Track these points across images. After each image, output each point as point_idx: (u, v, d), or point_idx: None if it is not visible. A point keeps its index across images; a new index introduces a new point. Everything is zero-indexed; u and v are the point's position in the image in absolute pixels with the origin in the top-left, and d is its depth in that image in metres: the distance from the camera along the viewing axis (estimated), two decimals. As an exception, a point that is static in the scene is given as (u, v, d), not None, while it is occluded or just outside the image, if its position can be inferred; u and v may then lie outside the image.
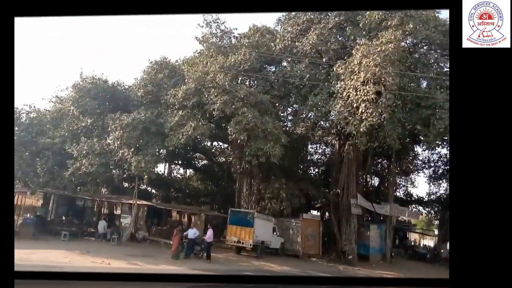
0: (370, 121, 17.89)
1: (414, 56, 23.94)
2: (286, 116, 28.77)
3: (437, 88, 21.57)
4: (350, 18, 24.57)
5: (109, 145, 21.51)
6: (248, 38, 25.21)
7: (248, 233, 21.72)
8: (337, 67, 20.46)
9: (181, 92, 21.22)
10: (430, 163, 37.71)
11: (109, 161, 21.67)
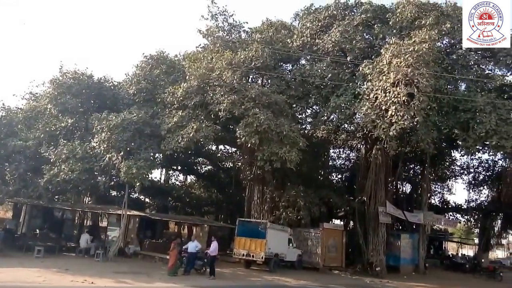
0: (401, 124, 17.07)
1: (452, 57, 22.96)
2: (305, 118, 27.47)
3: (478, 91, 20.90)
4: (379, 16, 23.82)
5: (94, 149, 19.64)
6: (261, 33, 23.69)
7: (259, 245, 20.10)
8: (363, 67, 19.78)
9: (181, 90, 19.63)
10: (470, 169, 36.39)
11: (93, 166, 19.59)
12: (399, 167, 27.93)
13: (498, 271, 27.51)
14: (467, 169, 36.23)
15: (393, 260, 26.29)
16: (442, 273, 29.51)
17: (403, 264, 26.58)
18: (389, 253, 25.96)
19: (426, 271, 27.31)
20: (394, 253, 26.52)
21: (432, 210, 31.07)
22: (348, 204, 26.51)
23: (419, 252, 27.74)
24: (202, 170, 37.89)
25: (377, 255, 24.30)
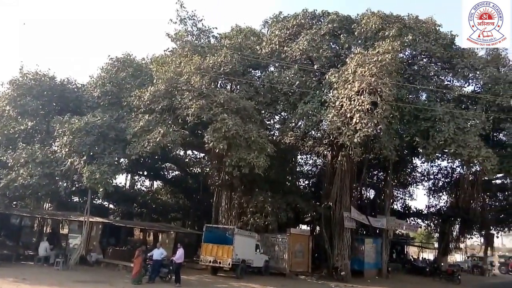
0: (365, 132, 17.42)
1: (413, 68, 23.77)
2: (273, 125, 27.62)
3: (437, 101, 21.68)
4: (345, 26, 24.27)
5: (55, 153, 19.03)
6: (230, 39, 23.66)
7: (226, 251, 19.93)
8: (329, 75, 20.14)
9: (148, 94, 19.26)
10: (429, 176, 37.61)
11: (54, 171, 18.93)
12: (364, 173, 28.44)
13: (457, 274, 28.51)
14: (427, 176, 37.45)
15: (358, 264, 26.71)
16: (404, 276, 30.28)
17: (367, 268, 27.05)
18: (354, 257, 26.32)
19: (389, 275, 27.87)
20: (358, 258, 26.95)
21: (394, 215, 31.88)
22: (315, 209, 26.74)
23: (382, 256, 28.28)
24: (169, 176, 37.17)
25: (342, 260, 24.69)
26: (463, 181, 29.07)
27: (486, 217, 34.39)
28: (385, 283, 24.83)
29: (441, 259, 36.87)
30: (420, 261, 39.19)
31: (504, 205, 36.10)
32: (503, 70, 23.19)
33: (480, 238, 43.16)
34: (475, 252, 48.97)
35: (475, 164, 20.54)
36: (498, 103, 20.77)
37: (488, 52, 24.44)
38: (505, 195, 35.11)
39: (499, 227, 39.35)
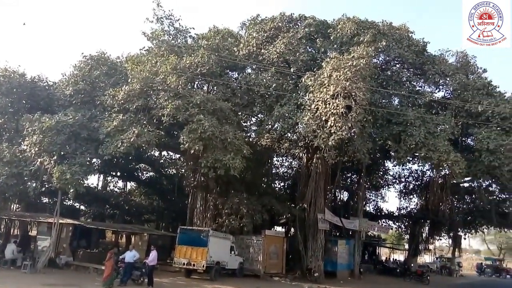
0: (339, 135, 17.61)
1: (386, 73, 24.21)
2: (250, 126, 27.50)
3: (409, 106, 22.20)
4: (321, 30, 24.53)
5: (24, 152, 18.45)
6: (207, 39, 23.44)
7: (201, 253, 19.80)
8: (306, 79, 20.24)
9: (123, 93, 18.86)
10: (401, 178, 38.58)
11: (23, 171, 18.40)
12: (338, 175, 28.78)
13: (426, 275, 29.38)
14: (398, 179, 38.43)
15: (331, 265, 27.06)
16: (375, 277, 31.01)
17: (339, 269, 27.40)
18: (327, 258, 26.66)
19: (361, 276, 28.41)
20: (331, 259, 27.30)
21: (367, 217, 32.53)
22: (290, 211, 26.83)
23: (354, 258, 28.80)
24: (143, 177, 36.47)
25: (315, 261, 24.99)
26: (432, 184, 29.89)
27: (454, 219, 35.47)
28: (357, 283, 25.32)
29: (411, 260, 37.95)
30: (391, 262, 40.20)
31: (471, 208, 37.36)
32: (472, 77, 24.05)
33: (448, 240, 44.52)
34: (444, 253, 50.55)
35: (444, 168, 21.09)
36: (467, 109, 21.56)
37: (457, 59, 25.35)
38: (472, 198, 36.28)
39: (466, 229, 40.63)
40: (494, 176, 21.94)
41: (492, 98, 21.71)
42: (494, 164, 19.67)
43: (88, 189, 23.91)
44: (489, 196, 32.37)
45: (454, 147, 20.08)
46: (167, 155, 33.60)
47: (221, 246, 21.23)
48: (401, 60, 23.97)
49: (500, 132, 20.25)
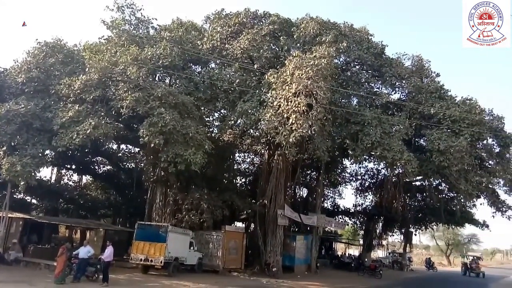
0: (300, 132, 17.80)
1: (346, 74, 24.71)
2: (212, 122, 27.33)
3: (367, 106, 22.76)
4: (285, 28, 24.68)
5: None
6: (170, 31, 22.93)
7: (159, 249, 19.48)
8: (269, 76, 20.32)
9: (79, 83, 18.16)
10: (357, 176, 39.80)
11: None
12: (298, 172, 29.18)
13: (379, 269, 30.58)
14: (355, 176, 39.65)
15: (289, 260, 27.56)
16: (331, 272, 31.86)
17: (297, 264, 27.96)
18: (285, 254, 27.15)
19: (317, 271, 29.14)
20: (289, 254, 27.80)
21: (324, 213, 33.35)
22: (250, 207, 27.05)
23: (312, 253, 29.51)
24: (100, 170, 35.23)
25: (274, 256, 25.38)
26: (387, 182, 31.26)
27: (406, 216, 37.25)
28: (314, 278, 25.87)
29: (365, 255, 39.34)
30: (346, 257, 41.33)
31: (422, 206, 39.38)
32: (426, 80, 25.24)
33: (400, 236, 46.59)
34: (396, 249, 52.86)
35: (398, 167, 21.95)
36: (420, 111, 22.62)
37: (413, 63, 26.52)
38: (423, 196, 38.20)
39: (417, 225, 42.88)
40: (444, 175, 23.11)
41: (443, 101, 22.90)
42: (443, 164, 20.72)
43: (40, 182, 22.74)
44: (439, 195, 34.18)
45: (407, 147, 20.89)
46: (126, 148, 32.72)
47: (180, 242, 21.00)
48: (361, 62, 24.64)
49: (450, 134, 21.34)
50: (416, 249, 74.95)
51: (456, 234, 65.97)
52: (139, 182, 27.48)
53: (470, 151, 21.25)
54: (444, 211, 34.36)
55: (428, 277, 37.68)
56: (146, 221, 22.81)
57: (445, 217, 35.96)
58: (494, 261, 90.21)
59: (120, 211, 34.53)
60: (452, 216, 36.21)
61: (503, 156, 24.34)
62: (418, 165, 20.77)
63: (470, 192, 22.04)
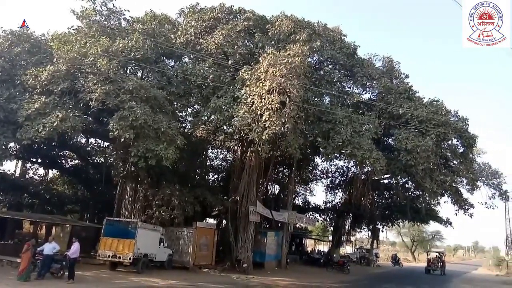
0: (273, 129, 17.86)
1: (319, 73, 24.88)
2: (185, 117, 26.92)
3: (338, 105, 23.00)
4: (260, 25, 24.70)
5: None
6: (143, 24, 22.49)
7: (127, 245, 19.06)
8: (243, 72, 20.31)
9: (47, 74, 17.45)
10: (328, 174, 40.45)
11: None
12: (270, 169, 29.45)
13: (347, 265, 31.34)
14: (326, 174, 40.30)
15: (259, 256, 27.73)
16: (301, 267, 32.35)
17: (267, 260, 28.18)
18: (256, 250, 27.27)
19: (287, 266, 29.47)
20: (260, 250, 27.95)
21: (295, 210, 33.79)
22: (222, 203, 26.99)
23: (282, 249, 29.80)
24: (67, 165, 34.07)
25: (245, 252, 25.46)
26: (356, 180, 31.96)
27: (374, 213, 38.27)
28: (283, 273, 26.17)
29: (334, 251, 40.18)
30: (315, 253, 42.05)
31: (389, 203, 40.58)
32: (395, 81, 26.01)
33: (368, 232, 47.83)
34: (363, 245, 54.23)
35: (367, 165, 22.47)
36: (389, 111, 23.27)
37: (384, 64, 27.25)
38: (391, 194, 39.42)
39: (384, 222, 44.17)
40: (410, 174, 23.90)
41: (412, 102, 23.67)
42: (410, 163, 21.45)
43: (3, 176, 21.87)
44: (405, 193, 35.32)
45: (376, 146, 21.45)
46: (95, 142, 31.88)
47: (150, 238, 20.65)
48: (333, 61, 24.98)
49: (417, 134, 22.11)
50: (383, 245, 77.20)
51: (421, 231, 68.37)
52: (108, 177, 26.73)
53: (436, 150, 22.07)
54: (410, 209, 35.47)
55: (393, 272, 38.88)
56: (115, 217, 22.27)
57: (411, 214, 37.13)
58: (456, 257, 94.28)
59: (88, 207, 33.64)
60: (417, 213, 37.47)
61: (467, 156, 25.44)
62: (386, 164, 21.35)
63: (434, 190, 22.88)
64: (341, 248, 47.02)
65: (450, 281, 32.00)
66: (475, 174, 26.66)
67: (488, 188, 33.80)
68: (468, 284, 29.95)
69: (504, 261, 48.50)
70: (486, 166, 33.84)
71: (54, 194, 33.35)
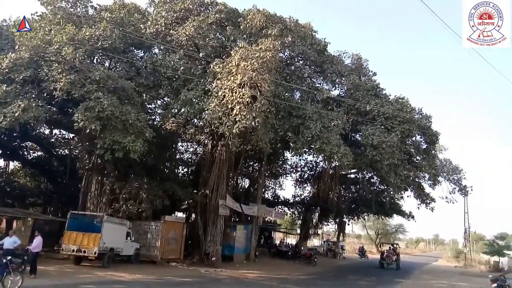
0: (243, 123, 17.82)
1: (290, 68, 25.05)
2: (155, 109, 26.37)
3: (308, 101, 23.34)
4: (232, 18, 24.49)
5: None
6: (111, 12, 21.80)
7: (93, 239, 18.68)
8: (214, 65, 20.13)
9: (8, 61, 16.67)
10: (297, 168, 41.01)
11: None
12: (240, 163, 29.52)
13: (313, 257, 32.06)
14: (295, 168, 40.81)
15: (228, 249, 27.91)
16: (269, 260, 32.74)
17: (236, 253, 28.38)
18: (225, 243, 27.42)
19: (256, 259, 29.79)
20: (229, 243, 28.11)
21: (265, 204, 34.17)
22: (192, 197, 26.84)
23: (251, 242, 30.11)
24: (29, 156, 32.77)
25: (214, 246, 25.57)
26: (324, 174, 32.59)
27: (340, 206, 39.23)
28: (251, 266, 26.47)
29: (302, 244, 40.96)
30: (284, 246, 42.57)
31: (355, 197, 41.66)
32: (363, 79, 26.61)
33: (335, 225, 48.97)
34: (330, 238, 55.51)
35: (334, 160, 22.83)
36: (357, 107, 23.83)
37: (352, 61, 27.81)
38: (357, 188, 40.46)
39: (350, 215, 45.39)
40: (376, 169, 24.59)
41: (378, 99, 24.34)
42: (376, 158, 22.08)
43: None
44: (371, 187, 36.41)
45: (344, 141, 21.88)
46: (59, 133, 30.79)
47: (116, 232, 20.30)
48: (304, 57, 25.13)
49: (383, 130, 22.77)
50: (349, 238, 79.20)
51: (385, 224, 70.77)
52: (73, 170, 25.94)
53: (400, 146, 22.84)
54: (375, 203, 36.59)
55: (358, 264, 40.08)
56: (80, 211, 21.66)
57: (375, 208, 38.32)
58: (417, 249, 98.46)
59: (52, 200, 32.46)
60: (382, 207, 38.71)
61: (429, 152, 26.52)
62: (353, 159, 21.80)
63: (398, 185, 23.71)
64: (308, 240, 47.91)
65: (411, 272, 33.34)
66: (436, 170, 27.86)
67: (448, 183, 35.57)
68: (428, 275, 31.34)
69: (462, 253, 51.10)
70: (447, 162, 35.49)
71: (16, 186, 32.04)
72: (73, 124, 16.88)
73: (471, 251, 52.76)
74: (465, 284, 25.59)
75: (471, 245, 53.70)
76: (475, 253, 56.05)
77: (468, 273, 35.82)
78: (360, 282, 24.22)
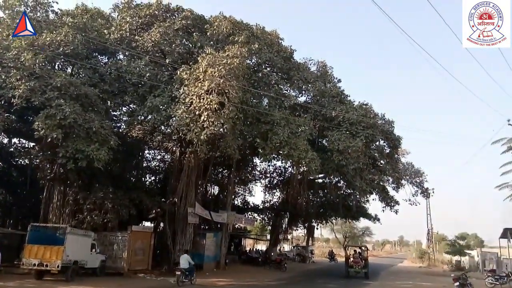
0: (211, 130, 17.87)
1: (258, 75, 25.18)
2: (120, 116, 25.75)
3: (276, 107, 23.53)
4: (198, 25, 24.50)
5: None
6: (73, 17, 21.30)
7: (55, 252, 17.82)
8: (181, 72, 20.00)
9: None
10: (266, 174, 41.24)
11: None
12: (209, 170, 29.24)
13: (284, 263, 32.21)
14: (264, 174, 40.95)
15: (198, 258, 27.25)
16: (239, 267, 32.57)
17: (206, 262, 27.94)
18: (195, 252, 26.81)
19: (226, 267, 29.50)
20: (199, 252, 27.57)
21: (234, 210, 34.04)
22: (160, 205, 26.25)
23: (221, 249, 29.80)
24: (-14, 167, 31.16)
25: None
26: (292, 180, 32.86)
27: (309, 211, 39.68)
28: (222, 274, 26.18)
29: (272, 249, 40.93)
30: (254, 252, 42.66)
31: (323, 201, 42.24)
32: (329, 85, 27.26)
33: (304, 230, 49.45)
34: (300, 242, 56.01)
35: (302, 165, 23.13)
36: (323, 113, 24.34)
37: (318, 68, 28.45)
38: (325, 193, 41.01)
39: (319, 219, 45.98)
40: (342, 173, 25.15)
41: (343, 105, 25.00)
42: (342, 163, 22.59)
43: None
44: (338, 191, 37.03)
45: (311, 147, 22.21)
46: (19, 142, 29.37)
47: (81, 244, 19.50)
48: (271, 64, 25.42)
49: (348, 135, 23.34)
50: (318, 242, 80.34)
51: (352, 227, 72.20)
52: (33, 180, 24.78)
53: (365, 151, 23.50)
54: (342, 206, 37.27)
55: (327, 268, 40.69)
56: (42, 223, 20.67)
57: (343, 212, 39.03)
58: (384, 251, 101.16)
59: (11, 212, 30.84)
60: (349, 210, 39.48)
61: (392, 156, 27.45)
62: (320, 164, 22.16)
63: (364, 188, 24.36)
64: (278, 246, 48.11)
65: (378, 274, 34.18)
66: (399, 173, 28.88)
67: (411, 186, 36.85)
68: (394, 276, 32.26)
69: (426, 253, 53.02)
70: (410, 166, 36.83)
71: (-28, 198, 30.23)
72: (33, 133, 16.32)
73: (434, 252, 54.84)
74: (429, 284, 26.52)
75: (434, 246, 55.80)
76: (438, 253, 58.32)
77: (432, 273, 37.18)
78: (329, 285, 24.55)
